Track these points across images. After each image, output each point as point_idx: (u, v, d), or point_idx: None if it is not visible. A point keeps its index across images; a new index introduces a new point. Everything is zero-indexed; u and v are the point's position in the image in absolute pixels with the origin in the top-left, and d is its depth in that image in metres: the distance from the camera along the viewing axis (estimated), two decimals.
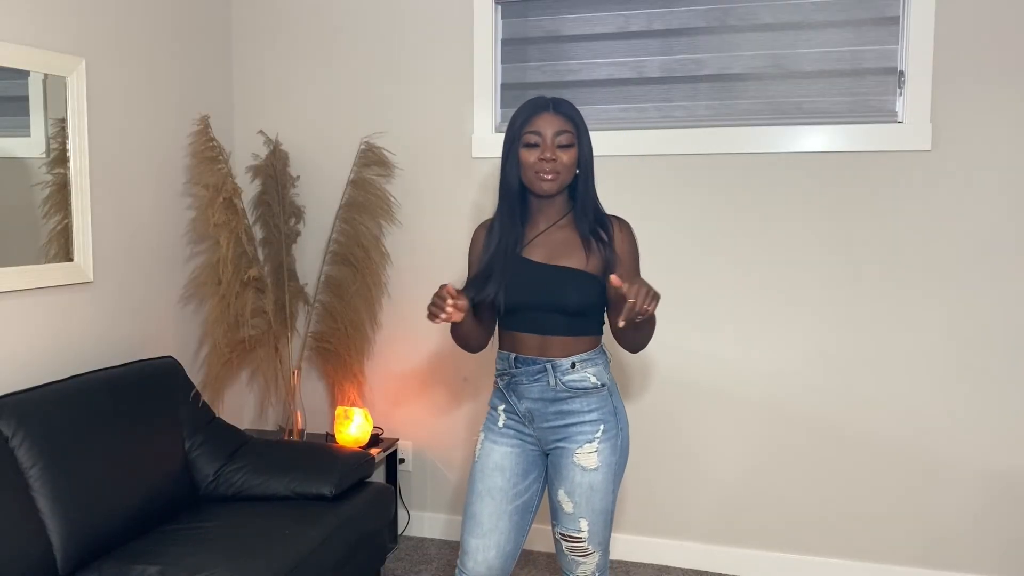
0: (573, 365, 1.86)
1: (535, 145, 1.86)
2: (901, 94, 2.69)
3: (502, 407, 1.96)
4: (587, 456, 1.87)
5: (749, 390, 2.87)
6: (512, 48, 3.04)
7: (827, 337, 2.80)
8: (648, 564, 2.99)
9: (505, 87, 3.06)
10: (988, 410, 2.69)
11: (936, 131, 2.65)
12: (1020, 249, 2.64)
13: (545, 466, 1.96)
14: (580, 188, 1.91)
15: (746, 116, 2.83)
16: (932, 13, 2.62)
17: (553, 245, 1.90)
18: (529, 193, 1.92)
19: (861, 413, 2.79)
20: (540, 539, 3.03)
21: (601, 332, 1.94)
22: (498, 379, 1.97)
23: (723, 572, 2.93)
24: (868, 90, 2.74)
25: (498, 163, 2.97)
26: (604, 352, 1.94)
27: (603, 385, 1.90)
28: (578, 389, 1.87)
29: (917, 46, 2.64)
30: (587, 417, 1.88)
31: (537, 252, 1.90)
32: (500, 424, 1.96)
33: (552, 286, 1.85)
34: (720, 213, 2.86)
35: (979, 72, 2.61)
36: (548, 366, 1.86)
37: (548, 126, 1.85)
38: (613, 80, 2.93)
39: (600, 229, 1.89)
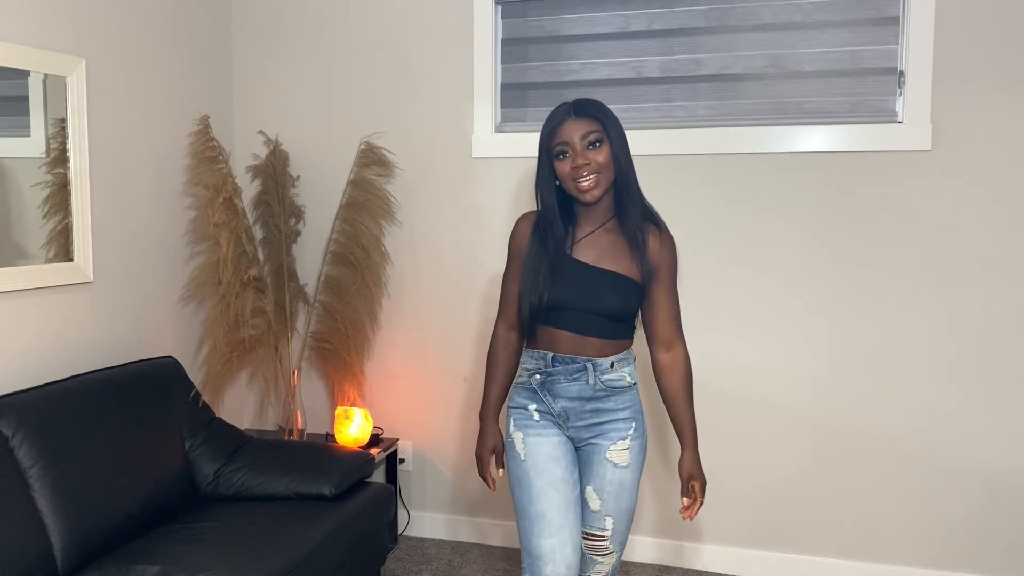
0: (612, 365, 1.87)
1: (565, 155, 1.83)
2: (901, 94, 2.69)
3: (533, 406, 1.92)
4: (619, 453, 1.87)
5: (748, 390, 2.87)
6: (512, 48, 3.04)
7: (825, 336, 2.80)
8: (648, 564, 2.99)
9: (505, 87, 3.06)
10: (989, 410, 2.69)
11: (936, 131, 2.65)
12: (1021, 249, 2.64)
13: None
14: (622, 189, 1.87)
15: (746, 116, 2.83)
16: (932, 13, 2.62)
17: (601, 248, 1.88)
18: (572, 200, 1.89)
19: (860, 413, 2.79)
20: None
21: (631, 336, 1.94)
22: (530, 379, 1.92)
23: (724, 572, 2.93)
24: (868, 90, 2.74)
25: (498, 163, 3.03)
26: (632, 352, 1.95)
27: (634, 384, 1.92)
28: (614, 388, 1.88)
29: (917, 46, 2.64)
30: (621, 415, 1.89)
31: (585, 253, 1.88)
32: (536, 419, 1.91)
33: (596, 289, 1.84)
34: (719, 213, 2.86)
35: (979, 72, 2.61)
36: (588, 365, 1.85)
37: (573, 132, 1.82)
38: (613, 80, 2.93)
39: (640, 234, 1.87)
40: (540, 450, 1.88)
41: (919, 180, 2.69)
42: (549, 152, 1.86)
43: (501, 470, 1.98)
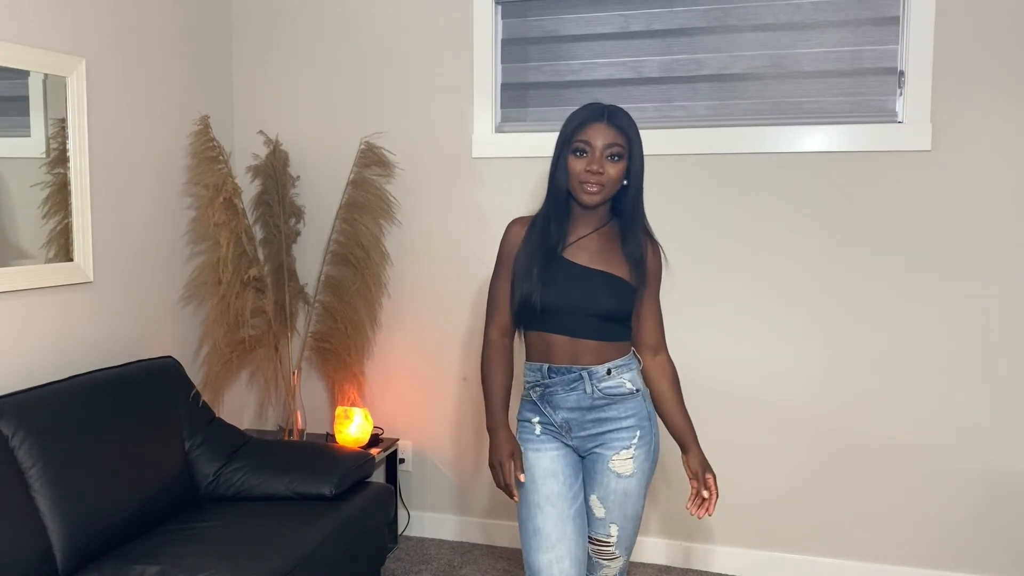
0: (609, 372, 1.85)
1: (583, 153, 1.83)
2: (901, 94, 2.69)
3: (536, 419, 1.91)
4: (623, 463, 1.86)
5: (749, 391, 2.87)
6: (512, 48, 3.04)
7: (826, 336, 2.80)
8: (648, 564, 3.00)
9: (505, 87, 3.06)
10: (989, 410, 2.69)
11: (936, 131, 2.65)
12: (1020, 248, 2.64)
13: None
14: (627, 202, 1.88)
15: (746, 116, 2.83)
16: (932, 13, 2.62)
17: (594, 250, 1.88)
18: (572, 198, 1.90)
19: (860, 413, 2.79)
20: None
21: (630, 339, 1.94)
22: (530, 391, 1.92)
23: (724, 572, 2.93)
24: (868, 90, 2.74)
25: (498, 163, 3.03)
26: (636, 358, 1.93)
27: (637, 391, 1.89)
28: (614, 395, 1.86)
29: (917, 46, 2.64)
30: (624, 423, 1.86)
31: (578, 255, 1.87)
32: (537, 432, 1.91)
33: (590, 289, 1.84)
34: (720, 213, 2.86)
35: (979, 72, 2.61)
36: (584, 374, 1.84)
37: (599, 137, 1.82)
38: (613, 80, 2.93)
39: (639, 247, 1.88)
40: (539, 465, 1.88)
41: (919, 180, 2.69)
42: (568, 144, 1.85)
43: (522, 475, 1.91)
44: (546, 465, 1.87)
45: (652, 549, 3.00)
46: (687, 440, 1.96)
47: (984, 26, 2.60)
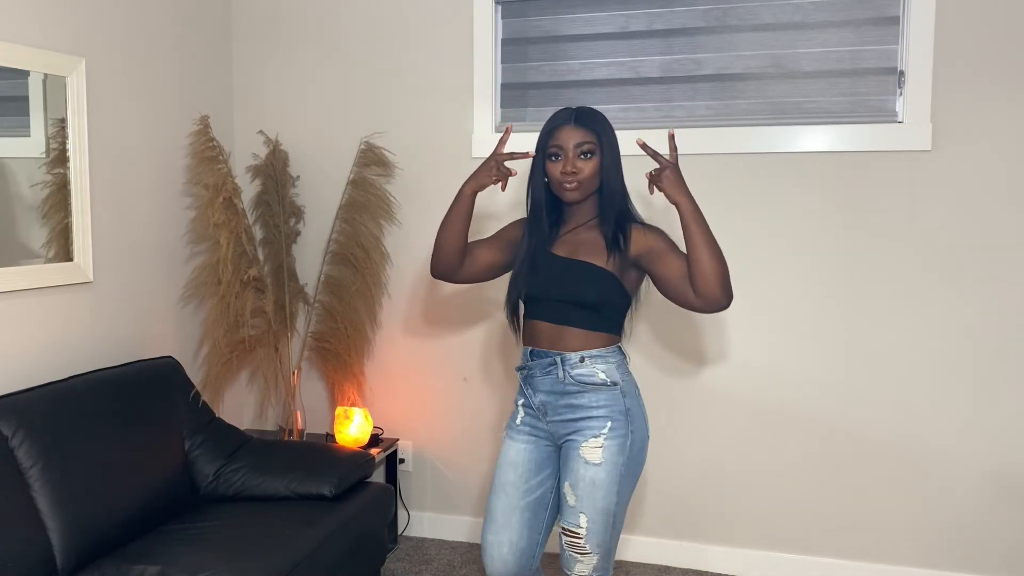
0: (582, 359, 1.92)
1: (558, 157, 1.94)
2: (901, 94, 2.69)
3: (521, 401, 2.04)
4: (592, 450, 1.90)
5: (747, 390, 2.87)
6: (512, 48, 3.04)
7: (826, 337, 2.80)
8: (648, 564, 2.99)
9: (505, 87, 3.06)
10: (989, 410, 2.69)
11: (936, 131, 2.65)
12: (1020, 248, 2.64)
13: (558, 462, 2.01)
14: (604, 193, 1.97)
15: (746, 116, 2.83)
16: (932, 13, 2.62)
17: (577, 243, 1.98)
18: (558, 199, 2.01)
19: (861, 413, 2.79)
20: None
21: (619, 333, 1.99)
22: (518, 373, 2.05)
23: (723, 572, 2.93)
24: (868, 90, 2.74)
25: None
26: (620, 352, 1.98)
27: (614, 384, 1.93)
28: (586, 384, 1.92)
29: (917, 46, 2.64)
30: (595, 412, 1.92)
31: (562, 248, 1.98)
32: (518, 420, 2.04)
33: (571, 278, 1.93)
34: (719, 213, 2.84)
35: (979, 72, 2.61)
36: (558, 359, 1.93)
37: (569, 139, 1.93)
38: (613, 80, 2.93)
39: (620, 234, 1.94)
40: (506, 454, 2.03)
41: (919, 180, 2.69)
42: (544, 151, 1.97)
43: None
44: (511, 456, 2.01)
45: (651, 549, 3.00)
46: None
47: (984, 26, 2.60)
